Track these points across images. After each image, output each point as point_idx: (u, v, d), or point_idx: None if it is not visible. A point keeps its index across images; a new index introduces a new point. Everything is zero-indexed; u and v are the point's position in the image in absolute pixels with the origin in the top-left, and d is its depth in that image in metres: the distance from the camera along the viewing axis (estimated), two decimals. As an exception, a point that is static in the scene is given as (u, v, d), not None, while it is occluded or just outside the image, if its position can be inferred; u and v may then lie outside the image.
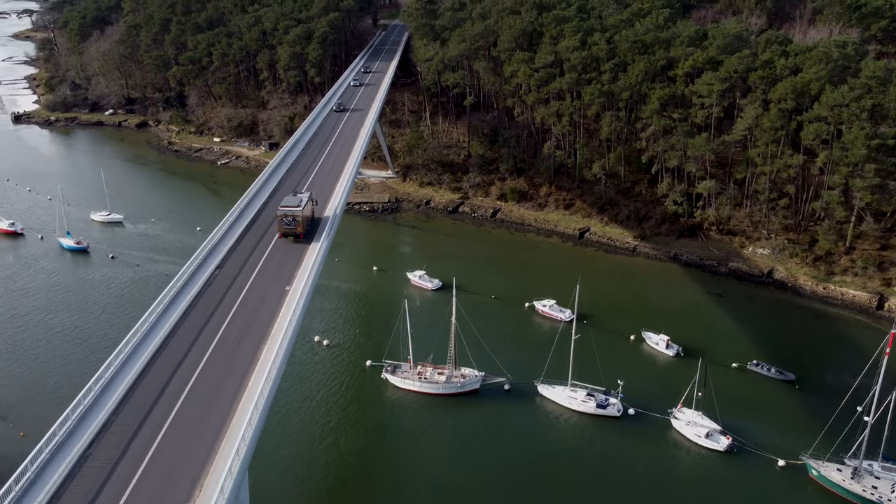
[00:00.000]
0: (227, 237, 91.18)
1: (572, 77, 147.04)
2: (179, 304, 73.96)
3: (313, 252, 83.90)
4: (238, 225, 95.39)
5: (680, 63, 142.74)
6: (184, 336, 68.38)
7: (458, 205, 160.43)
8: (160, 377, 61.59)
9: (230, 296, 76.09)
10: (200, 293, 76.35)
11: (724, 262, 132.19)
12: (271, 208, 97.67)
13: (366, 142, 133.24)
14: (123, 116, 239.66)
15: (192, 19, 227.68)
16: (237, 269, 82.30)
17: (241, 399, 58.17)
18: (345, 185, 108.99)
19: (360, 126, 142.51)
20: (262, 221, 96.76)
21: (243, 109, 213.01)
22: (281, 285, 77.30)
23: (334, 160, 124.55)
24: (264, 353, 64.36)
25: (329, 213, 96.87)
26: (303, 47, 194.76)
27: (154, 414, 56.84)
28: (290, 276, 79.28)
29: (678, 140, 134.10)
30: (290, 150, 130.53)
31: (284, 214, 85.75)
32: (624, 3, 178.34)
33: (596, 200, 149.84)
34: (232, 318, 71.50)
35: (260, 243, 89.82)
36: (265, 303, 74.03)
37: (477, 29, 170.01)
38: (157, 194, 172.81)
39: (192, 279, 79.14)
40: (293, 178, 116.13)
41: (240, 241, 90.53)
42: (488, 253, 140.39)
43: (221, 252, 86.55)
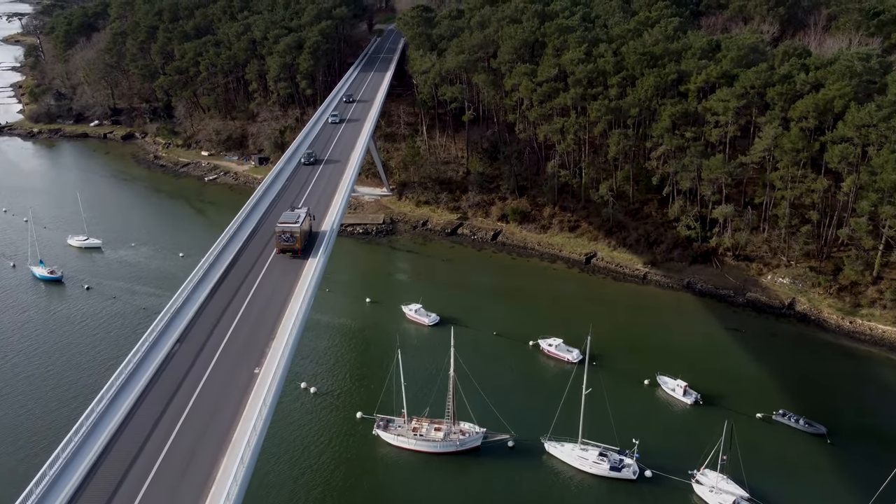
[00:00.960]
0: (214, 267, 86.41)
1: (577, 92, 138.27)
2: (152, 360, 66.73)
3: (306, 280, 79.90)
4: (227, 252, 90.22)
5: (692, 77, 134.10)
6: (159, 395, 62.30)
7: (456, 226, 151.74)
8: (134, 441, 56.24)
9: (214, 340, 70.42)
10: (182, 337, 70.76)
11: (741, 291, 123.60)
12: (264, 231, 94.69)
13: (360, 159, 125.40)
14: (109, 128, 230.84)
15: (179, 27, 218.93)
16: (222, 308, 76.45)
17: (215, 478, 51.66)
18: (341, 199, 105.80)
19: (352, 148, 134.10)
20: (253, 249, 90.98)
21: (232, 122, 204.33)
22: (267, 331, 71.13)
23: (328, 178, 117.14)
24: (239, 428, 57.19)
25: (326, 227, 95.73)
26: (293, 57, 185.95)
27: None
28: (275, 321, 72.71)
29: (691, 161, 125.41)
30: (283, 167, 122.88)
31: (282, 231, 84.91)
32: (630, 12, 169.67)
33: (603, 223, 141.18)
34: (211, 376, 64.75)
35: (250, 273, 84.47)
36: (249, 350, 67.98)
37: (476, 39, 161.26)
38: (139, 215, 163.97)
39: (174, 321, 73.61)
40: (287, 197, 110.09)
41: (228, 270, 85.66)
42: (489, 281, 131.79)
43: (208, 285, 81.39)
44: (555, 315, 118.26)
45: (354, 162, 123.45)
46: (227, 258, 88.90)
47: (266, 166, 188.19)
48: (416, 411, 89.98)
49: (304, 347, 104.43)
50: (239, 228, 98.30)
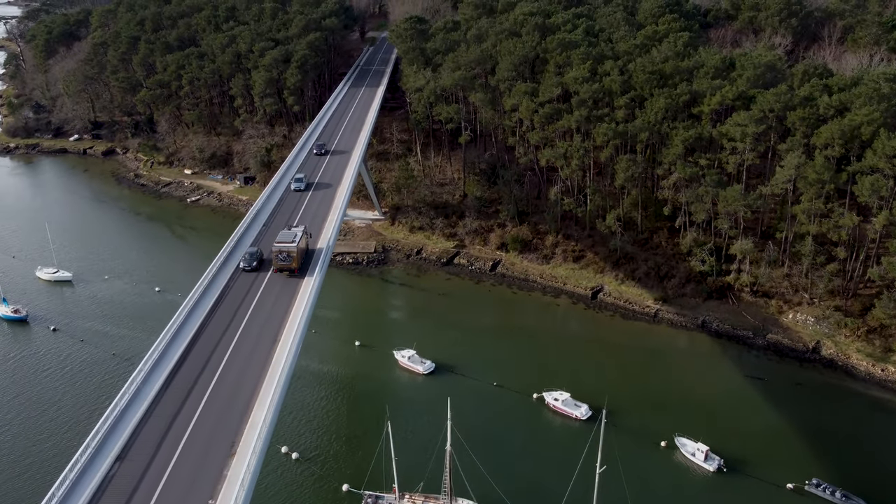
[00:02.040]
0: (197, 308, 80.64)
1: (582, 114, 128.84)
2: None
3: (291, 329, 73.84)
4: (207, 297, 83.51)
5: (705, 99, 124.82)
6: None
7: (453, 255, 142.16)
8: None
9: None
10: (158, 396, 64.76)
11: (760, 332, 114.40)
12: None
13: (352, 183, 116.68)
14: (89, 143, 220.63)
15: (162, 37, 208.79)
16: (201, 365, 69.67)
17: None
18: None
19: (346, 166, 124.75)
20: (238, 288, 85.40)
21: (217, 138, 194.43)
22: (243, 401, 63.83)
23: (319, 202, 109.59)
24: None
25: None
26: (280, 72, 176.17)
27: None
28: (257, 384, 66.09)
29: (706, 191, 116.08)
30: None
31: (279, 251, 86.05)
32: (636, 24, 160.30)
33: (609, 253, 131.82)
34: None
35: (236, 315, 78.68)
36: (230, 414, 61.76)
37: (472, 54, 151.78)
38: (115, 242, 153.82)
39: (151, 376, 68.09)
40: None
41: (213, 311, 79.39)
42: (488, 319, 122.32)
43: (184, 339, 74.62)
44: (560, 360, 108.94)
45: (346, 185, 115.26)
46: (208, 303, 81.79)
47: (252, 186, 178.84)
48: (409, 485, 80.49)
49: (288, 400, 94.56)
50: (223, 265, 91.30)
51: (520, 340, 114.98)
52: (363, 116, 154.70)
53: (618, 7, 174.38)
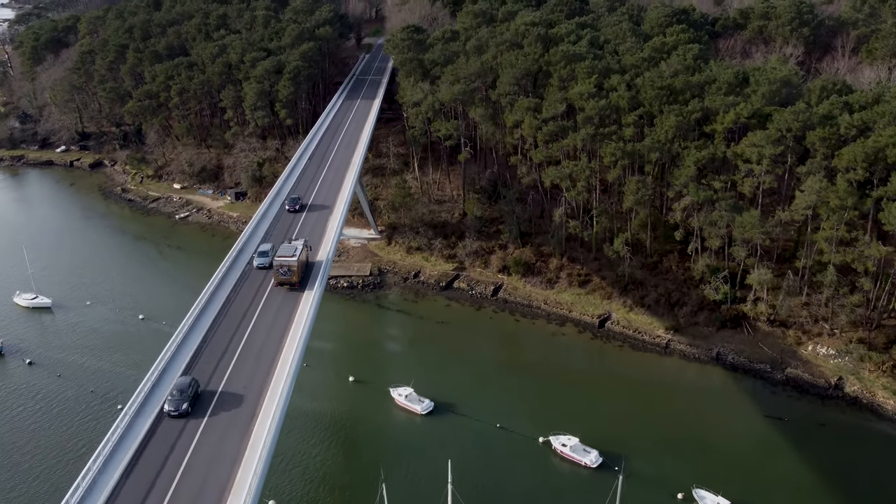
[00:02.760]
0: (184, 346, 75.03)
1: (588, 132, 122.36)
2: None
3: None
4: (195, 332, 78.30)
5: (718, 116, 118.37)
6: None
7: (452, 278, 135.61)
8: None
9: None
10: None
11: (778, 365, 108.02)
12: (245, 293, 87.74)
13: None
14: (76, 154, 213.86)
15: (151, 46, 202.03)
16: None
17: None
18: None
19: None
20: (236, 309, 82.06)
21: (207, 150, 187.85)
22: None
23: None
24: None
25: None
26: (272, 83, 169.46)
27: None
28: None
29: (721, 216, 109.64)
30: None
31: (280, 265, 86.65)
32: (643, 35, 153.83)
33: (617, 279, 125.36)
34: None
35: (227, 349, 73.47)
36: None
37: (472, 66, 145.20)
38: (99, 263, 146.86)
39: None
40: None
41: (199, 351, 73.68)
42: (490, 351, 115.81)
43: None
44: (567, 398, 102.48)
45: (342, 207, 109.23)
46: (196, 339, 76.50)
47: (243, 202, 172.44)
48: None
49: (277, 444, 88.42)
50: (212, 297, 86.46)
51: (524, 375, 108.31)
52: (358, 133, 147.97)
53: (623, 16, 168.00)
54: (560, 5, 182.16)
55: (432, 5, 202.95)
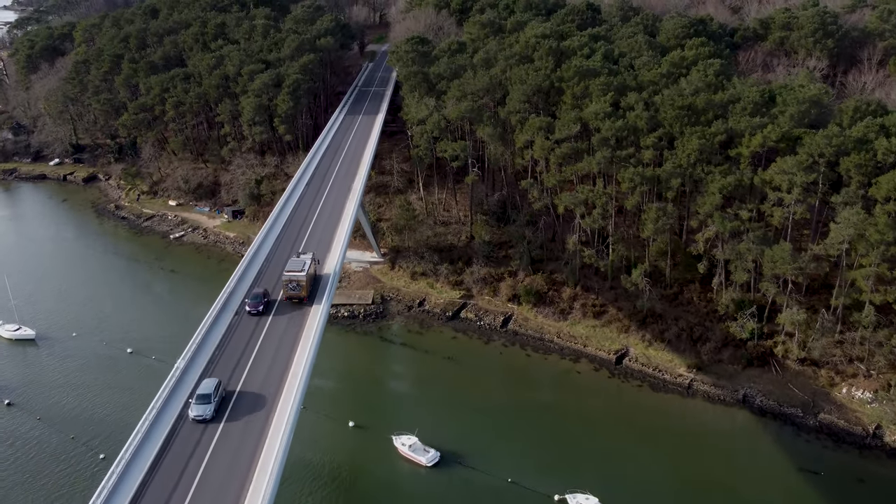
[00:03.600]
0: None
1: (604, 155, 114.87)
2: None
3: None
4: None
5: (744, 139, 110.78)
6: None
7: (459, 307, 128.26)
8: None
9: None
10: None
11: (810, 409, 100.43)
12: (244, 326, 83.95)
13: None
14: (70, 168, 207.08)
15: (146, 56, 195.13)
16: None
17: None
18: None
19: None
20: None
21: (204, 166, 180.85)
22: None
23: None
24: None
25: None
26: (271, 97, 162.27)
27: None
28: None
29: (748, 249, 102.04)
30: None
31: (289, 280, 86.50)
32: (659, 48, 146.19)
33: (635, 310, 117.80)
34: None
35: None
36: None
37: (480, 82, 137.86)
38: (88, 289, 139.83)
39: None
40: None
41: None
42: (500, 392, 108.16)
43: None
44: (583, 447, 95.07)
45: (343, 235, 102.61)
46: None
47: (240, 220, 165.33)
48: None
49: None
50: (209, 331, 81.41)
51: (537, 420, 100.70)
52: (359, 155, 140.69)
53: (637, 27, 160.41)
54: (571, 15, 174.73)
55: (438, 14, 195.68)
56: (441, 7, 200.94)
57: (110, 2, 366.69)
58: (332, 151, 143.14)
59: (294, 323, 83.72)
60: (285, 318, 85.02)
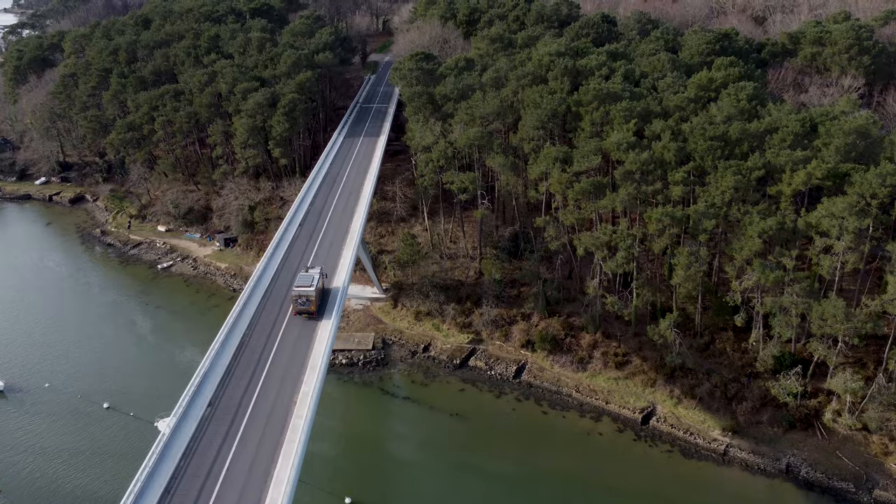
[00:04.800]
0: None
1: (628, 191, 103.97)
2: None
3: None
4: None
5: (785, 175, 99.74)
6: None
7: (467, 354, 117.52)
8: None
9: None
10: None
11: (863, 483, 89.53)
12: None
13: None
14: (56, 187, 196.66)
15: (136, 70, 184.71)
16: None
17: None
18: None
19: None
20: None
21: (196, 188, 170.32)
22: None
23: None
24: None
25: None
26: (265, 118, 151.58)
27: None
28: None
29: (793, 301, 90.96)
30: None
31: (299, 295, 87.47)
32: (683, 67, 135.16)
33: (662, 362, 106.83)
34: None
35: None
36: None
37: (490, 105, 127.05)
38: (66, 331, 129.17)
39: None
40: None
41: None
42: (513, 459, 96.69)
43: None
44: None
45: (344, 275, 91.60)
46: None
47: (233, 249, 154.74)
48: None
49: None
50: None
51: (554, 490, 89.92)
52: (359, 186, 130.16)
53: (658, 42, 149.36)
54: (586, 28, 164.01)
55: (443, 26, 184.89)
56: (447, 18, 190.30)
57: (109, 6, 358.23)
58: (329, 183, 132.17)
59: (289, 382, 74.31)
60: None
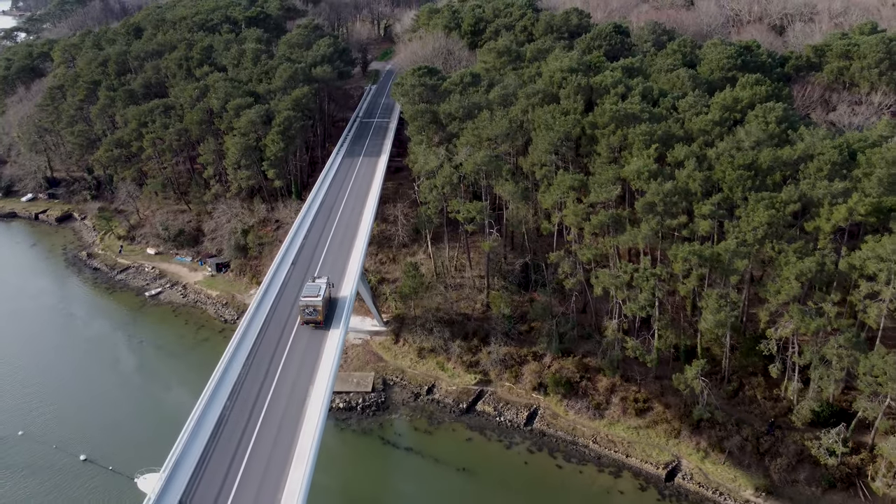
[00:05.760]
0: None
1: (651, 226, 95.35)
2: None
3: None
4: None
5: (822, 210, 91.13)
6: None
7: (475, 397, 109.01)
8: None
9: None
10: None
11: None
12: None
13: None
14: (43, 205, 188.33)
15: (126, 83, 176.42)
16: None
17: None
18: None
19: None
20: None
21: (187, 208, 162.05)
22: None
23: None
24: None
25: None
26: (259, 136, 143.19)
27: None
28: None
29: (837, 352, 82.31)
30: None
31: (306, 305, 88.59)
32: (703, 83, 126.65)
33: (686, 411, 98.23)
34: None
35: None
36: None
37: (498, 126, 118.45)
38: (44, 370, 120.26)
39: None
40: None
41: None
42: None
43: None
44: None
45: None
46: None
47: (225, 275, 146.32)
48: None
49: None
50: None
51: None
52: (358, 211, 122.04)
53: (675, 56, 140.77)
54: (598, 40, 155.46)
55: (447, 36, 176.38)
56: (451, 28, 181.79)
57: (107, 9, 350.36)
58: (325, 213, 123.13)
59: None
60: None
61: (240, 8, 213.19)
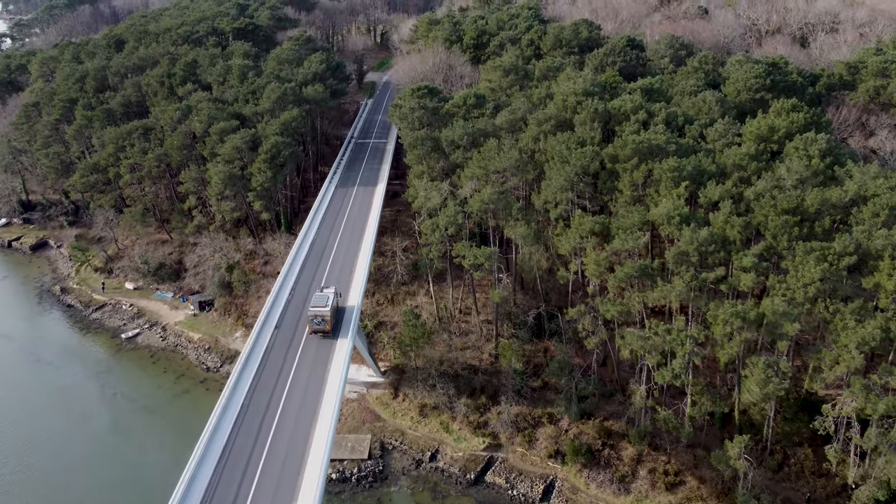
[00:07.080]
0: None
1: (685, 280, 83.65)
2: None
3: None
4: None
5: (883, 264, 79.52)
6: None
7: (484, 465, 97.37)
8: None
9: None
10: None
11: None
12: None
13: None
14: (18, 231, 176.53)
15: (104, 101, 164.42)
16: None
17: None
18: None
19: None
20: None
21: (168, 238, 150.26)
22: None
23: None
24: None
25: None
26: (245, 164, 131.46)
27: None
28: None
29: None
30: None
31: (314, 315, 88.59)
32: (733, 108, 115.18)
33: (724, 487, 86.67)
34: None
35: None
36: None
37: (507, 158, 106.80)
38: (5, 432, 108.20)
39: None
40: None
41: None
42: None
43: None
44: None
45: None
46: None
47: (208, 314, 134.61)
48: None
49: None
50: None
51: None
52: (353, 254, 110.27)
53: (697, 75, 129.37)
54: (611, 56, 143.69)
55: (448, 51, 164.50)
56: (452, 42, 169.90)
57: (96, 13, 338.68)
58: (316, 258, 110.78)
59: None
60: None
61: (228, 19, 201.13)
